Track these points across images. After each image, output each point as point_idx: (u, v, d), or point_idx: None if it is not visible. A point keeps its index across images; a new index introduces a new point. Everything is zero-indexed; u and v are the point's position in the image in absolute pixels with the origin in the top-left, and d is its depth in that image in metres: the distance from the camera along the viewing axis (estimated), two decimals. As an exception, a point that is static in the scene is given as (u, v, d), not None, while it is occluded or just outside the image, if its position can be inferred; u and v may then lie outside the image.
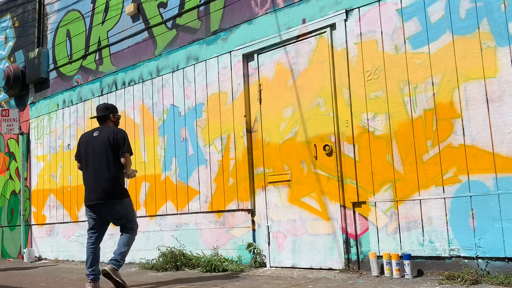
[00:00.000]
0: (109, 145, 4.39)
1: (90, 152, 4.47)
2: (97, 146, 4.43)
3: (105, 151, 4.40)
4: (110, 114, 4.61)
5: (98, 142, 4.44)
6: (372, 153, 4.49)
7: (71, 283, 5.10)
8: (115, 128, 4.56)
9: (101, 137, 4.45)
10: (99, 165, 4.39)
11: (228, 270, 5.15)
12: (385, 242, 4.35)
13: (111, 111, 4.63)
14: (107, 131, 4.48)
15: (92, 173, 4.42)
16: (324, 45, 4.95)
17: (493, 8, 3.90)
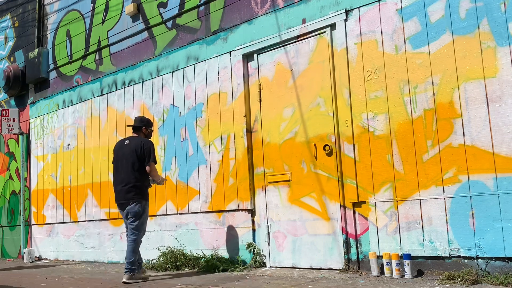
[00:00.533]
0: (135, 154, 4.99)
1: (120, 158, 5.12)
2: (126, 153, 5.04)
3: (131, 158, 4.99)
4: (143, 127, 5.24)
5: (127, 149, 5.06)
6: (372, 153, 4.49)
7: (71, 283, 5.10)
8: (143, 139, 5.14)
9: (130, 146, 5.07)
10: (126, 170, 5.00)
11: (228, 270, 5.15)
12: (385, 242, 4.35)
13: (145, 124, 5.26)
14: (136, 141, 5.09)
15: (119, 177, 5.06)
16: (324, 45, 4.95)
17: (493, 8, 3.90)
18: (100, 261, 7.08)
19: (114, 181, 5.15)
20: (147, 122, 5.31)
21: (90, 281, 5.21)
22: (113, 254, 6.89)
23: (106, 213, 7.01)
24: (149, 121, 5.33)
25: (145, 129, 5.27)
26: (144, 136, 5.25)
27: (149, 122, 5.33)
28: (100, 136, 7.27)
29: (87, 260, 7.29)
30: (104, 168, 7.13)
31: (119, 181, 5.05)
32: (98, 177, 7.21)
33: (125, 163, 5.03)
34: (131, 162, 4.99)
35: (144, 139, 5.17)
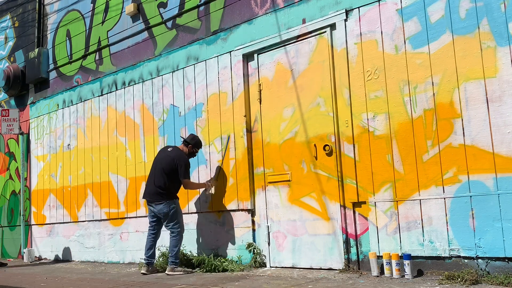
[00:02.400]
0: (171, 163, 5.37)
1: (157, 160, 5.55)
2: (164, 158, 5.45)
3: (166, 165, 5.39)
4: (190, 145, 5.53)
5: (167, 155, 5.47)
6: (372, 153, 4.49)
7: (71, 283, 5.10)
8: (182, 154, 5.45)
9: (170, 154, 5.46)
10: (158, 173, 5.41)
11: (228, 270, 5.15)
12: (385, 242, 4.34)
13: (193, 143, 5.54)
14: (176, 152, 5.47)
15: (152, 176, 5.49)
16: (324, 45, 4.95)
17: (493, 8, 3.90)
18: (100, 261, 7.08)
19: (148, 179, 5.61)
20: (196, 142, 5.56)
21: (90, 281, 5.21)
22: (113, 254, 6.89)
23: (106, 213, 7.01)
24: (198, 143, 5.60)
25: (190, 147, 5.53)
26: (187, 152, 5.52)
27: (197, 143, 5.58)
28: (100, 136, 7.27)
29: (87, 260, 7.29)
30: (104, 168, 7.13)
31: (152, 180, 5.48)
32: (98, 177, 7.21)
33: (159, 167, 5.44)
34: (166, 168, 5.37)
35: (182, 154, 5.45)
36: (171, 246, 5.29)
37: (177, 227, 5.34)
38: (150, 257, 5.45)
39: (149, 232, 5.52)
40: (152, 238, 5.50)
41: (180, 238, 5.34)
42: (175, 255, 5.26)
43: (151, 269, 5.44)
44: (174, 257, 5.26)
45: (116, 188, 6.90)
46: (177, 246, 5.29)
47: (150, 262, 5.45)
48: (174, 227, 5.32)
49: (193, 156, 5.63)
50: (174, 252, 5.26)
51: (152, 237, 5.50)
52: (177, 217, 5.39)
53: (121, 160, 6.88)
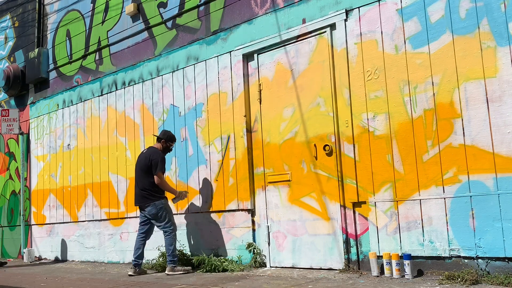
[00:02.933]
0: (146, 162, 5.43)
1: (137, 164, 5.63)
2: (141, 161, 5.53)
3: (144, 166, 5.45)
4: (163, 140, 5.58)
5: (142, 157, 5.55)
6: (372, 153, 4.49)
7: (71, 283, 5.10)
8: (155, 150, 5.52)
9: (145, 154, 5.54)
10: (139, 176, 5.51)
11: (228, 270, 5.15)
12: (385, 242, 4.34)
13: (164, 138, 5.59)
14: (150, 151, 5.55)
15: (136, 181, 5.57)
16: (324, 45, 4.95)
17: (493, 8, 3.90)
18: (100, 261, 7.08)
19: (135, 185, 5.64)
20: (168, 136, 5.63)
21: (90, 281, 5.21)
22: (113, 254, 6.89)
23: (106, 213, 7.01)
24: (171, 136, 5.65)
25: (164, 142, 5.59)
26: (161, 148, 5.57)
27: (170, 137, 5.63)
28: (100, 136, 7.27)
29: (87, 260, 7.29)
30: (104, 168, 7.13)
31: (136, 185, 5.56)
32: (98, 177, 7.21)
33: (138, 171, 5.54)
34: (143, 170, 5.46)
35: (156, 150, 5.52)
36: (167, 245, 5.31)
37: (169, 225, 5.35)
38: (137, 258, 5.42)
39: (139, 233, 5.54)
40: (142, 238, 5.50)
41: (174, 236, 5.34)
42: (172, 253, 5.27)
43: (138, 271, 5.41)
44: (172, 256, 5.27)
45: (116, 188, 6.90)
46: (173, 244, 5.29)
47: (137, 263, 5.42)
48: (166, 226, 5.34)
49: (169, 151, 5.67)
50: (171, 251, 5.27)
51: (142, 237, 5.50)
52: (167, 215, 5.40)
53: (121, 160, 6.88)
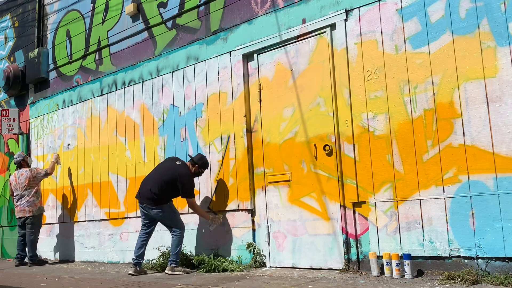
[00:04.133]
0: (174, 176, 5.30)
1: (161, 166, 5.53)
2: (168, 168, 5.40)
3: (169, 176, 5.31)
4: (196, 165, 5.46)
5: (172, 166, 5.40)
6: (372, 153, 4.49)
7: (71, 283, 5.10)
8: (186, 172, 5.37)
9: (177, 167, 5.38)
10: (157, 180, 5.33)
11: (228, 270, 5.15)
12: (385, 242, 4.34)
13: (200, 164, 5.47)
14: (183, 168, 5.41)
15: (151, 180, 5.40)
16: (324, 45, 4.95)
17: (493, 8, 3.90)
18: (100, 261, 7.08)
19: (145, 181, 5.52)
20: (203, 163, 5.50)
21: (90, 281, 5.21)
22: (113, 254, 6.89)
23: (106, 213, 7.01)
24: (205, 163, 5.53)
25: (197, 168, 5.47)
26: (192, 172, 5.45)
27: (204, 164, 5.52)
28: (100, 136, 7.27)
29: (87, 260, 7.29)
30: (104, 168, 7.13)
31: (149, 184, 5.37)
32: (98, 177, 7.21)
33: (161, 175, 5.37)
34: (167, 179, 5.30)
35: (187, 173, 5.38)
36: (173, 245, 5.27)
37: (179, 226, 5.34)
38: (139, 257, 5.38)
39: (141, 232, 5.48)
40: (144, 238, 5.45)
41: (182, 237, 5.34)
42: (177, 253, 5.26)
43: (139, 269, 5.37)
44: (175, 256, 5.25)
45: (116, 188, 6.90)
46: (179, 245, 5.28)
47: (138, 262, 5.38)
48: (177, 227, 5.33)
49: (198, 175, 5.58)
50: (176, 251, 5.26)
51: (144, 237, 5.46)
52: (176, 216, 5.41)
53: (121, 160, 6.88)
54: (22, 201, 7.35)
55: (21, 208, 7.35)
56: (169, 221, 5.37)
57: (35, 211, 7.33)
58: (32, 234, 7.33)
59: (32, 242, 7.35)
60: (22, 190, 7.36)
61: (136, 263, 5.38)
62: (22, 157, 7.68)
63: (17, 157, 7.68)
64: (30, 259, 7.31)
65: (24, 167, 7.59)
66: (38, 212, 7.39)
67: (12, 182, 7.55)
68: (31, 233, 7.32)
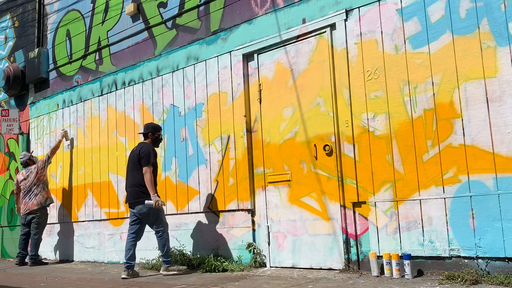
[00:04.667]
0: (137, 158, 5.35)
1: (129, 162, 5.54)
2: (132, 158, 5.43)
3: (135, 162, 5.37)
4: (149, 133, 5.49)
5: (133, 154, 5.46)
6: (372, 153, 4.49)
7: (71, 283, 5.10)
8: (144, 144, 5.43)
9: (136, 151, 5.44)
10: (131, 173, 5.42)
11: (228, 270, 5.15)
12: (385, 242, 4.35)
13: (150, 130, 5.51)
14: (140, 146, 5.45)
15: (127, 179, 5.48)
16: (324, 45, 4.95)
17: (493, 8, 3.90)
18: (100, 261, 7.08)
19: (126, 183, 5.56)
20: (152, 128, 5.53)
21: (90, 281, 5.21)
22: (113, 254, 6.89)
23: (106, 213, 7.01)
24: (154, 126, 5.55)
25: (151, 135, 5.51)
26: (151, 142, 5.49)
27: (155, 127, 5.54)
28: (100, 136, 7.27)
29: (87, 260, 7.29)
30: (104, 168, 7.13)
31: (127, 182, 5.48)
32: (98, 177, 7.21)
33: (130, 167, 5.44)
34: (135, 166, 5.37)
35: (146, 145, 5.42)
36: (160, 246, 5.23)
37: (161, 225, 5.25)
38: (129, 260, 5.25)
39: (129, 233, 5.38)
40: (132, 239, 5.34)
41: (167, 236, 5.26)
42: (166, 253, 5.21)
43: (131, 273, 5.21)
44: (165, 256, 5.21)
45: (116, 188, 6.90)
46: (166, 244, 5.21)
47: (130, 265, 5.24)
48: (159, 227, 5.24)
49: (160, 141, 5.60)
50: (165, 251, 5.21)
51: (132, 237, 5.34)
52: (159, 215, 5.27)
53: (121, 160, 6.88)
54: (30, 195, 7.38)
55: (28, 203, 7.37)
56: (153, 219, 5.25)
57: (42, 202, 7.36)
58: (36, 233, 7.33)
59: (36, 241, 7.35)
60: (31, 186, 7.40)
61: (128, 267, 5.23)
62: (27, 156, 7.71)
63: (23, 157, 7.71)
64: (31, 259, 7.31)
65: (30, 165, 7.63)
66: (46, 203, 7.41)
67: (19, 179, 7.57)
68: (36, 232, 7.33)
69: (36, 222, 7.33)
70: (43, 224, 7.46)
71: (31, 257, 7.32)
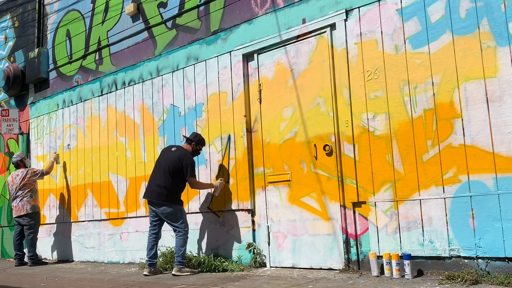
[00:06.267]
0: (176, 162, 5.30)
1: (162, 160, 5.46)
2: (169, 159, 5.37)
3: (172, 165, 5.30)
4: (193, 143, 5.49)
5: (172, 155, 5.39)
6: (372, 153, 4.49)
7: (71, 283, 5.10)
8: (186, 153, 5.41)
9: (175, 153, 5.38)
10: (163, 173, 5.33)
11: (228, 270, 5.15)
12: (385, 242, 4.34)
13: (196, 141, 5.51)
14: (181, 151, 5.41)
15: (156, 177, 5.39)
16: (324, 45, 4.95)
17: (493, 8, 3.90)
18: (100, 261, 7.08)
19: (150, 179, 5.50)
20: (199, 139, 5.53)
21: (90, 281, 5.21)
22: (113, 254, 6.89)
23: (106, 213, 7.01)
24: (202, 139, 5.57)
25: (194, 145, 5.50)
26: (191, 151, 5.48)
27: (200, 141, 5.55)
28: (100, 136, 7.27)
29: (87, 260, 7.29)
30: (104, 168, 7.13)
31: (155, 181, 5.38)
32: (98, 177, 7.21)
33: (163, 167, 5.36)
34: (169, 168, 5.30)
35: (187, 153, 5.41)
36: (178, 246, 5.19)
37: (184, 226, 5.25)
38: (152, 258, 5.34)
39: (150, 233, 5.43)
40: (153, 238, 5.40)
41: (186, 238, 5.25)
42: (182, 254, 5.17)
43: (153, 270, 5.31)
44: (181, 257, 5.17)
45: (116, 188, 6.90)
46: (184, 246, 5.20)
47: (152, 263, 5.34)
48: (181, 227, 5.23)
49: (197, 154, 5.57)
50: (181, 252, 5.17)
51: (153, 237, 5.40)
52: (182, 216, 5.31)
53: (121, 160, 6.88)
54: (17, 200, 7.39)
55: (16, 207, 7.39)
56: (175, 220, 5.25)
57: (28, 209, 7.34)
58: (30, 234, 7.33)
59: (32, 242, 7.35)
60: (17, 190, 7.39)
61: (150, 264, 5.31)
62: (20, 157, 7.71)
63: (15, 158, 7.72)
64: (30, 259, 7.31)
65: (21, 168, 7.63)
66: (32, 211, 7.38)
67: (9, 182, 7.59)
68: (30, 233, 7.33)
69: (28, 225, 7.34)
70: (36, 225, 7.45)
71: (30, 258, 7.32)
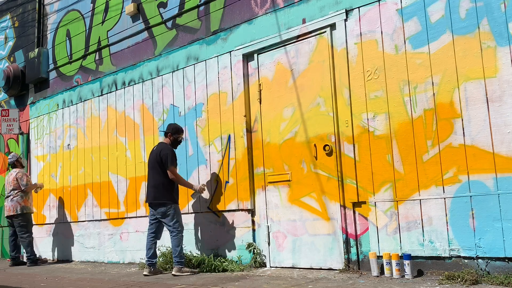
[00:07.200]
0: (157, 159, 5.38)
1: (149, 162, 5.56)
2: (152, 158, 5.47)
3: (156, 163, 5.40)
4: (169, 133, 5.52)
5: (153, 154, 5.48)
6: (372, 153, 4.49)
7: (71, 283, 5.10)
8: (163, 145, 5.47)
9: (156, 151, 5.47)
10: (152, 174, 5.46)
11: (228, 270, 5.15)
12: (385, 242, 4.34)
13: (169, 131, 5.53)
14: (158, 147, 5.49)
15: (149, 179, 5.51)
16: (324, 45, 4.95)
17: (493, 8, 3.90)
18: (100, 261, 7.08)
19: (147, 182, 5.62)
20: (172, 128, 5.55)
21: (90, 281, 5.21)
22: (113, 254, 6.89)
23: (106, 213, 7.01)
24: (175, 127, 5.56)
25: (170, 135, 5.53)
26: (169, 143, 5.52)
27: (175, 129, 5.54)
28: (100, 136, 7.27)
29: (87, 260, 7.29)
30: (104, 168, 7.13)
31: (149, 182, 5.50)
32: (98, 177, 7.21)
33: (150, 167, 5.48)
34: (154, 167, 5.41)
35: (165, 145, 5.47)
36: (174, 246, 5.22)
37: (177, 226, 5.27)
38: (150, 258, 5.35)
39: (148, 232, 5.46)
40: (152, 237, 5.42)
41: (181, 237, 5.27)
42: (179, 254, 5.19)
43: (153, 270, 5.32)
44: (179, 257, 5.19)
45: (116, 188, 6.90)
46: (179, 245, 5.21)
47: (151, 263, 5.35)
48: (174, 227, 5.25)
49: (178, 143, 5.59)
50: (178, 252, 5.19)
51: (152, 236, 5.42)
52: (176, 216, 5.33)
53: (121, 160, 6.88)
54: (8, 200, 7.43)
55: (7, 207, 7.44)
56: (170, 220, 5.28)
57: (18, 209, 7.35)
58: (23, 235, 7.33)
59: (27, 242, 7.36)
60: (10, 190, 7.41)
61: (150, 264, 5.34)
62: (15, 158, 7.73)
63: (11, 158, 7.75)
64: (28, 259, 7.31)
65: (17, 167, 7.65)
66: (22, 211, 7.37)
67: (6, 181, 7.65)
68: (22, 234, 7.33)
69: (19, 225, 7.36)
70: (28, 225, 7.45)
71: (28, 258, 7.33)
